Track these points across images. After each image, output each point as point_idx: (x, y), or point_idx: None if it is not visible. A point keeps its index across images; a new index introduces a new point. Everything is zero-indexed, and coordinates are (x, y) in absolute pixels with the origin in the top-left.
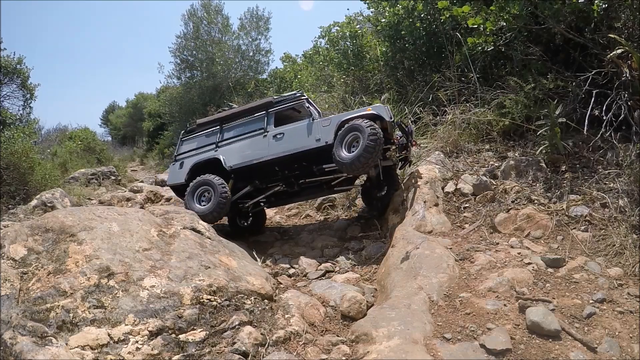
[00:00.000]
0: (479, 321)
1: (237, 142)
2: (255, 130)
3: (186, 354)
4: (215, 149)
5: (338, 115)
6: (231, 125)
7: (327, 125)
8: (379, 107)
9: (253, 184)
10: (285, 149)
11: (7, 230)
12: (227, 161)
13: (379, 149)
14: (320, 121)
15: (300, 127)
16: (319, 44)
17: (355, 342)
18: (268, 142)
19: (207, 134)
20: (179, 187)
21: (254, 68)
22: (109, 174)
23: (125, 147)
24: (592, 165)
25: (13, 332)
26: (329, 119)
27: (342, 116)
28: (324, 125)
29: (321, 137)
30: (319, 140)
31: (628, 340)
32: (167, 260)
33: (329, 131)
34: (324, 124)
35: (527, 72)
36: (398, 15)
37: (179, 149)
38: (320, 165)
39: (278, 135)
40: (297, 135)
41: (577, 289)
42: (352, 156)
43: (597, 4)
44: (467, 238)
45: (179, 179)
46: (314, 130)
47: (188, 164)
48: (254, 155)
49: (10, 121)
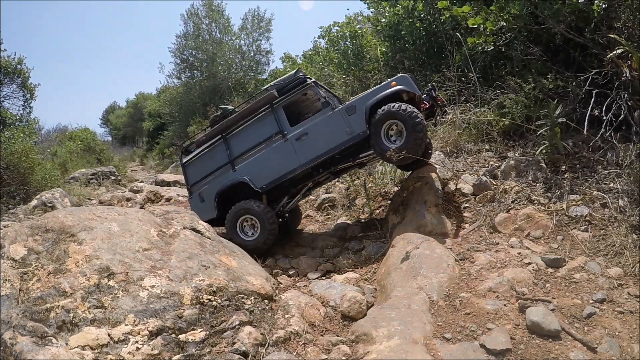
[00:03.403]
0: (479, 321)
1: (256, 155)
2: (271, 136)
3: (186, 354)
4: (233, 169)
5: (360, 98)
6: (236, 133)
7: (354, 113)
8: (404, 80)
9: (288, 193)
10: (316, 152)
11: (7, 230)
12: (256, 182)
13: (425, 134)
14: (343, 109)
15: (323, 121)
16: (319, 44)
17: (355, 342)
18: (293, 147)
19: (211, 151)
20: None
21: (254, 68)
22: (109, 174)
23: (125, 147)
24: (592, 165)
25: (13, 332)
26: (353, 105)
27: (367, 99)
28: (350, 114)
29: (352, 129)
30: (350, 132)
31: (628, 340)
32: (167, 260)
33: (358, 120)
34: (349, 111)
35: (527, 72)
36: (398, 15)
37: (188, 177)
38: (356, 156)
39: (301, 136)
40: (323, 132)
41: (577, 289)
42: (398, 148)
43: (597, 4)
44: (467, 238)
45: (208, 215)
46: (340, 122)
47: (210, 196)
48: (284, 167)
49: (10, 121)
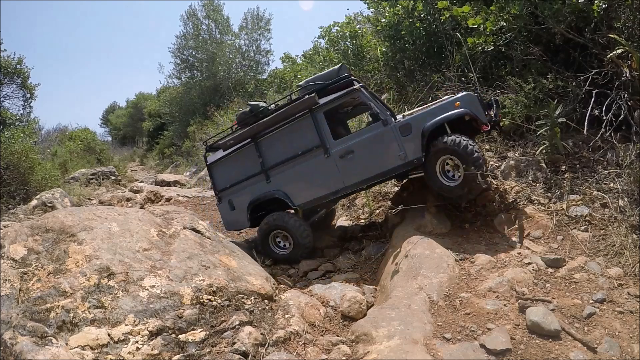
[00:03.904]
0: (479, 321)
1: (293, 168)
2: (311, 149)
3: (186, 354)
4: (267, 180)
5: (417, 116)
6: (270, 139)
7: (409, 134)
8: (469, 101)
9: (327, 207)
10: (363, 175)
11: (7, 230)
12: (293, 199)
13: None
14: (397, 127)
15: (372, 139)
16: (319, 44)
17: (355, 342)
18: (336, 165)
19: (240, 154)
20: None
21: (254, 68)
22: (109, 174)
23: (125, 147)
24: (592, 165)
25: (13, 332)
26: (408, 124)
27: (425, 118)
28: (405, 135)
29: (406, 154)
30: (403, 157)
31: (628, 340)
32: (167, 260)
33: (414, 144)
34: (403, 131)
35: (527, 72)
36: (398, 15)
37: (215, 181)
38: (405, 176)
39: (346, 154)
40: (371, 152)
41: (577, 289)
42: (456, 187)
43: (597, 4)
44: (467, 238)
45: (240, 224)
46: (392, 143)
47: (242, 204)
48: (325, 188)
49: (10, 121)
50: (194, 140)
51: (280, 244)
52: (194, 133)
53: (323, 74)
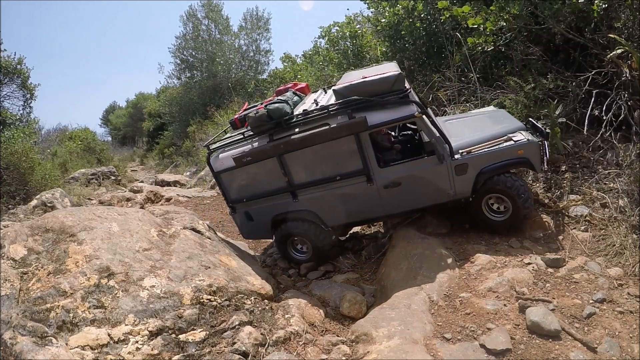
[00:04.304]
0: (479, 321)
1: (328, 191)
2: (351, 175)
3: (186, 354)
4: (294, 198)
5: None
6: (299, 156)
7: (463, 174)
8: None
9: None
10: (406, 206)
11: (7, 230)
12: (326, 220)
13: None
14: (453, 167)
15: (423, 174)
16: (319, 44)
17: (355, 342)
18: (379, 194)
19: (259, 167)
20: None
21: (254, 68)
22: (109, 174)
23: (125, 147)
24: (592, 165)
25: (13, 332)
26: (465, 165)
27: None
28: (459, 174)
29: (456, 191)
30: (452, 195)
31: (628, 340)
32: (167, 260)
33: (465, 182)
34: (459, 171)
35: (527, 72)
36: (398, 15)
37: (227, 192)
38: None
39: (393, 186)
40: (420, 187)
41: (577, 289)
42: (502, 222)
43: (597, 4)
44: (467, 238)
45: (260, 235)
46: (444, 179)
47: (264, 218)
48: (363, 212)
49: (10, 121)
50: (194, 140)
51: (299, 247)
52: (194, 133)
53: (371, 82)
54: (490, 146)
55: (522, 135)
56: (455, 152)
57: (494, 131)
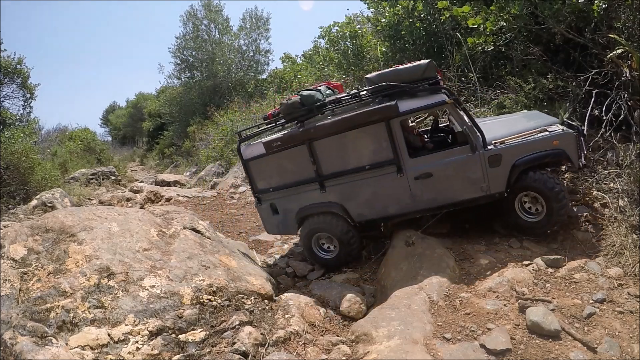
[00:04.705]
0: (479, 321)
1: (356, 181)
2: (381, 164)
3: (186, 354)
4: (322, 189)
5: (508, 147)
6: (329, 144)
7: (497, 166)
8: (569, 142)
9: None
10: (436, 201)
11: (7, 230)
12: (353, 214)
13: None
14: (486, 157)
15: (455, 164)
16: (319, 44)
17: (355, 342)
18: (409, 186)
19: (288, 155)
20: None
21: (254, 68)
22: (109, 174)
23: (125, 147)
24: (592, 165)
25: (13, 332)
26: (499, 156)
27: (516, 152)
28: (492, 166)
29: (489, 186)
30: (486, 189)
31: (628, 340)
32: (167, 260)
33: (499, 176)
34: (492, 162)
35: (527, 72)
36: (398, 15)
37: (254, 181)
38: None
39: (423, 176)
40: (452, 178)
41: (577, 289)
42: (537, 223)
43: (597, 4)
44: (467, 238)
45: (284, 230)
46: (477, 171)
47: (289, 211)
48: (393, 207)
49: (10, 121)
50: (194, 140)
51: (324, 246)
52: (194, 133)
53: (403, 69)
54: (524, 137)
55: (558, 127)
56: (489, 143)
57: (530, 125)
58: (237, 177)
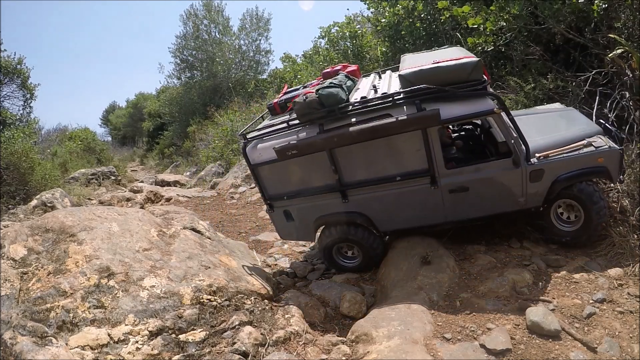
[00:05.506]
0: (479, 321)
1: (384, 192)
2: (413, 175)
3: (186, 354)
4: (344, 199)
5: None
6: (353, 150)
7: (538, 181)
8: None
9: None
10: (471, 214)
11: (7, 230)
12: (380, 225)
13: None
14: (528, 172)
15: (494, 178)
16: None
17: (355, 342)
18: (442, 199)
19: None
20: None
21: (254, 68)
22: (109, 174)
23: (125, 147)
24: None
25: (13, 332)
26: (541, 171)
27: (559, 168)
28: (534, 181)
29: (527, 200)
30: (523, 203)
31: (628, 340)
32: (167, 260)
33: (538, 190)
34: (534, 177)
35: (527, 72)
36: (398, 15)
37: (265, 187)
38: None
39: (460, 191)
40: (490, 192)
41: (577, 289)
42: (575, 232)
43: (597, 4)
44: (467, 238)
45: (301, 237)
46: (517, 185)
47: (306, 219)
48: (422, 218)
49: (10, 121)
50: (194, 140)
51: (347, 253)
52: (194, 133)
53: (445, 68)
54: (569, 151)
55: (602, 141)
56: (532, 155)
57: (571, 133)
58: (237, 177)
